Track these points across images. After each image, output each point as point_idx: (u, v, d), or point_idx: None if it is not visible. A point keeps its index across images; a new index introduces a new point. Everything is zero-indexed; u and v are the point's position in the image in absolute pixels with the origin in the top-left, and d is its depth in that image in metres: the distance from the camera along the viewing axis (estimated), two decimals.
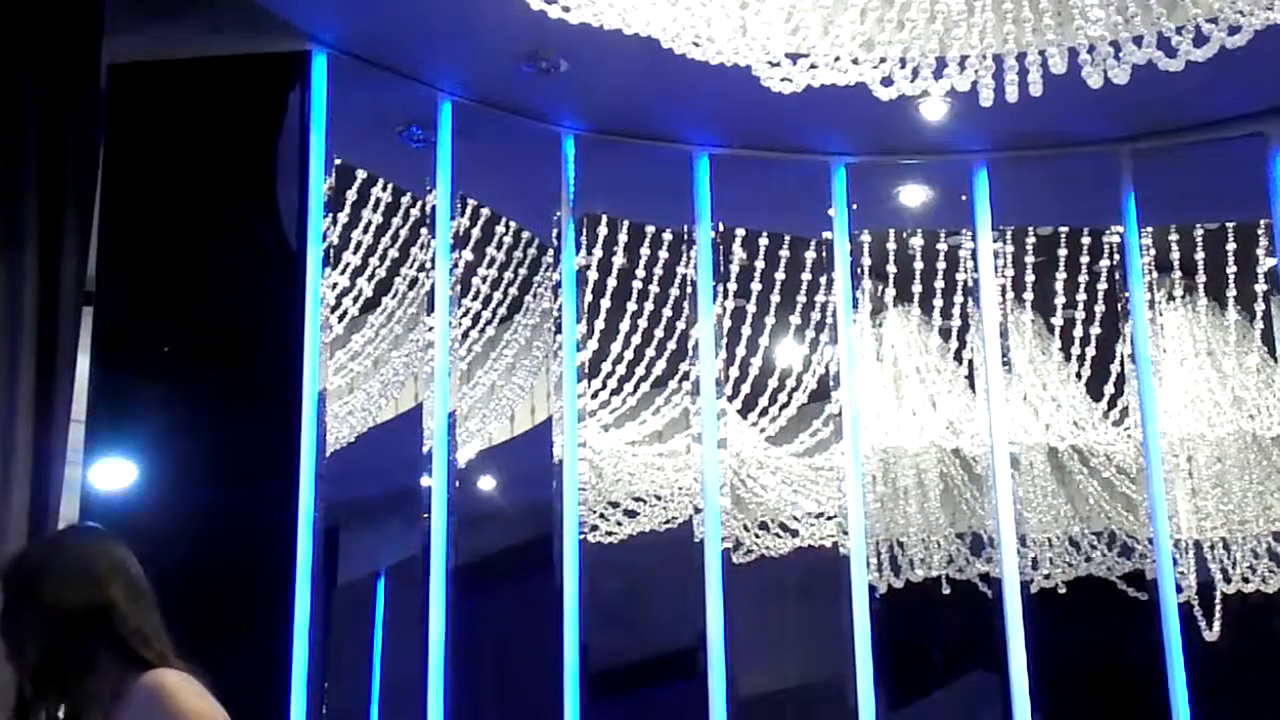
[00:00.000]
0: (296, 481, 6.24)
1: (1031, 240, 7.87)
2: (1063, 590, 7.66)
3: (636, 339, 7.69)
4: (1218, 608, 7.52)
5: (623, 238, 7.68)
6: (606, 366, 7.65)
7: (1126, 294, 7.77)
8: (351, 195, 6.87)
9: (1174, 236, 7.82)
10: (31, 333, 5.64)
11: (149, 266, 6.48)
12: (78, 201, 5.92)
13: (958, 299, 7.89)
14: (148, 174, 6.53)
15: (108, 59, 6.27)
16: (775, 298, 7.84)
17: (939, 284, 7.91)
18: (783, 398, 7.85)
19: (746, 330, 7.81)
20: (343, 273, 6.79)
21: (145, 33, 6.39)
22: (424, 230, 7.07)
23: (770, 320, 7.82)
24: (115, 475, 6.27)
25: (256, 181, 6.69)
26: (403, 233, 7.05)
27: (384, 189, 7.02)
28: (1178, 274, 7.88)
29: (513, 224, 7.47)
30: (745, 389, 7.81)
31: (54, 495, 5.59)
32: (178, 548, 6.18)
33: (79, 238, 5.92)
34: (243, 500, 6.24)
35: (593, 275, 7.62)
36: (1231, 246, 7.75)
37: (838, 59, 5.68)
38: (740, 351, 7.79)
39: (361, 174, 6.93)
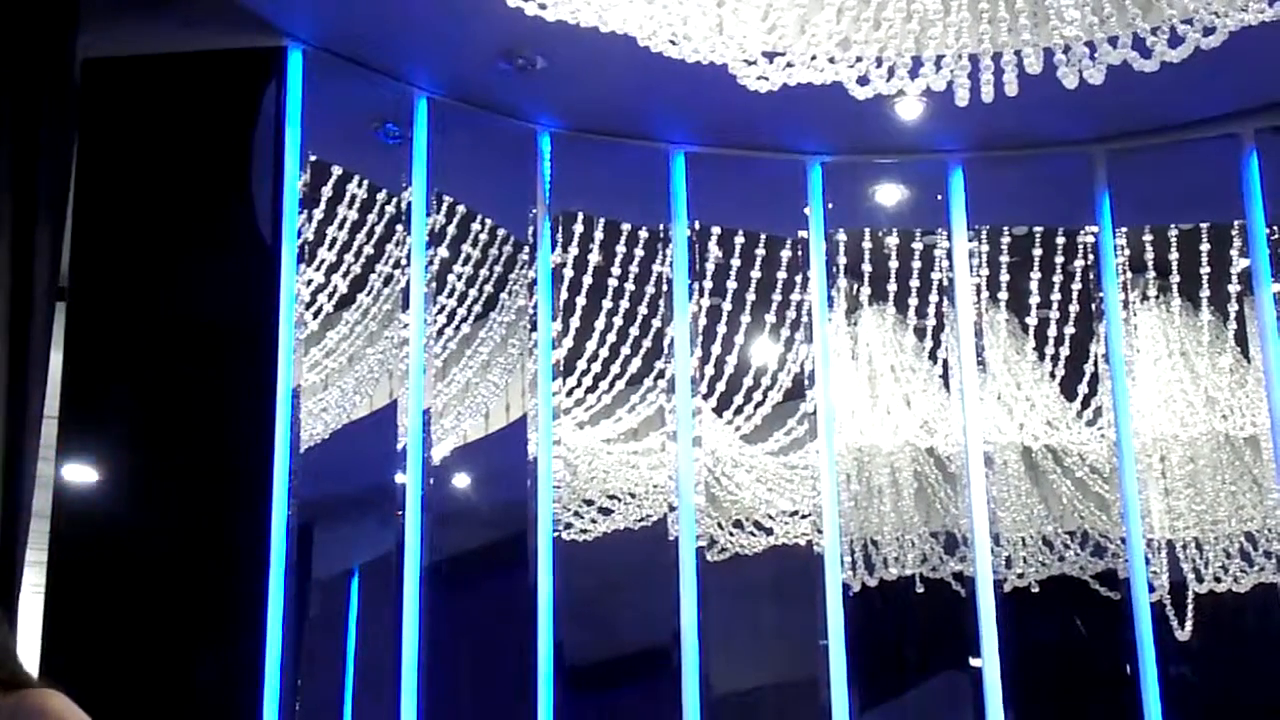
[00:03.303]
0: (270, 478, 6.23)
1: (1006, 240, 7.89)
2: (1036, 589, 7.67)
3: (612, 337, 7.68)
4: (1190, 607, 7.54)
5: (598, 235, 7.68)
6: (582, 364, 7.65)
7: (1100, 294, 7.79)
8: (327, 192, 6.86)
9: (1148, 237, 7.84)
10: (4, 329, 5.62)
11: (122, 263, 6.46)
12: (51, 197, 5.90)
13: (933, 298, 7.91)
14: (122, 170, 6.51)
15: (82, 54, 6.25)
16: (751, 296, 7.84)
17: (914, 283, 7.93)
18: (758, 396, 7.85)
19: (722, 328, 7.81)
20: (318, 269, 6.77)
21: (120, 28, 6.37)
22: (399, 227, 7.06)
23: (746, 318, 7.82)
24: (88, 471, 6.25)
25: (231, 178, 6.67)
26: (378, 229, 7.03)
27: (359, 186, 7.00)
28: (1151, 274, 7.90)
29: (488, 221, 7.46)
30: (720, 387, 7.81)
31: (27, 491, 5.57)
32: (151, 544, 6.17)
33: (52, 234, 5.90)
34: (216, 496, 6.22)
35: (568, 273, 7.61)
36: (1205, 247, 7.77)
37: (814, 58, 5.69)
38: (715, 349, 7.79)
39: (337, 170, 6.92)
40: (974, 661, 7.44)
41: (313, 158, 6.73)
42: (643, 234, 7.76)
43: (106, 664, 5.97)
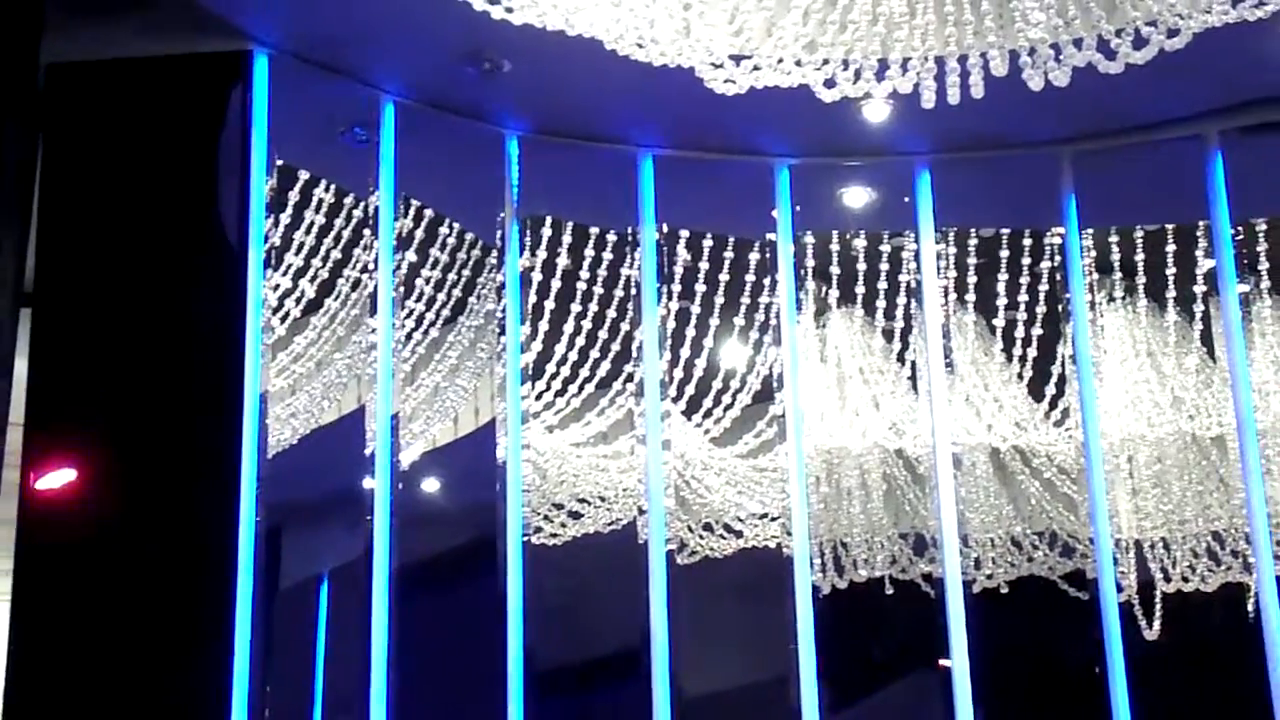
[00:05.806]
0: (238, 483, 6.20)
1: (973, 241, 7.91)
2: (1005, 590, 7.70)
3: (580, 340, 7.68)
4: (1158, 607, 7.57)
5: (567, 239, 7.68)
6: (551, 368, 7.65)
7: (1067, 295, 7.82)
8: (293, 196, 6.84)
9: (1114, 238, 7.88)
10: None
11: (88, 268, 6.43)
12: (16, 202, 5.87)
13: (900, 300, 7.93)
14: (87, 175, 6.49)
15: (46, 58, 6.23)
16: (719, 299, 7.85)
17: (882, 285, 7.95)
18: (727, 399, 7.86)
19: (691, 331, 7.82)
20: (285, 274, 6.76)
21: (84, 32, 6.35)
22: (367, 231, 7.04)
23: (714, 321, 7.83)
24: (54, 478, 6.22)
25: (197, 182, 6.65)
26: (345, 234, 7.02)
27: (326, 190, 6.99)
28: (1118, 275, 7.93)
29: (456, 225, 7.45)
30: (689, 390, 7.82)
31: None
32: (118, 550, 6.14)
33: (17, 238, 5.88)
34: (183, 502, 6.19)
35: (537, 277, 7.61)
36: (1171, 248, 7.81)
37: (781, 61, 5.69)
38: (684, 353, 7.80)
39: (304, 175, 6.90)
40: (943, 662, 7.46)
41: (279, 162, 6.71)
42: (611, 237, 7.76)
43: (74, 670, 5.94)
